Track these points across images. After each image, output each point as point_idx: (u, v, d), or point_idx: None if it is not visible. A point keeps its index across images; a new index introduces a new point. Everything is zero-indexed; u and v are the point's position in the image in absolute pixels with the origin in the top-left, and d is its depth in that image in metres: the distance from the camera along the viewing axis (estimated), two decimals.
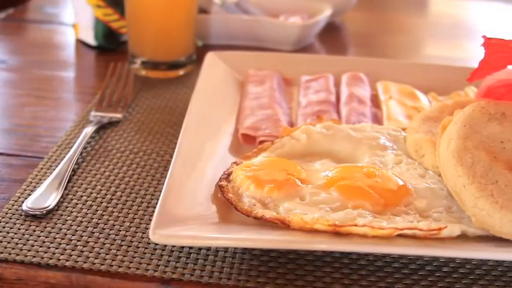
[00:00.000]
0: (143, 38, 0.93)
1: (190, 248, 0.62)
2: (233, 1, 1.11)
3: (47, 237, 0.62)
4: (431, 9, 1.77)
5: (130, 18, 0.94)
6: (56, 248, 0.61)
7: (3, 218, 0.64)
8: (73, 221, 0.65)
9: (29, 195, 0.68)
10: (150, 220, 0.62)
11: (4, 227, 0.63)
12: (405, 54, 1.28)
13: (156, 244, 0.62)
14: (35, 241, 0.61)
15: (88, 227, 0.64)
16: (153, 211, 0.61)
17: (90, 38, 1.06)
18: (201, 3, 1.11)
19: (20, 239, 0.61)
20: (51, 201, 0.66)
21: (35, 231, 0.63)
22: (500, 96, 0.82)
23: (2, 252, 0.59)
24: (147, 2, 0.91)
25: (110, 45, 1.06)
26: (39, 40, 1.21)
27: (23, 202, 0.66)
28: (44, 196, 0.67)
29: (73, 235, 0.63)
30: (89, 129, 0.79)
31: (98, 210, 0.66)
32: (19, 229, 0.63)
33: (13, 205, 0.66)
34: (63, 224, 0.64)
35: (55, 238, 0.62)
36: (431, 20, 1.61)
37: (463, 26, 1.54)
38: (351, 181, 0.64)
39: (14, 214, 0.65)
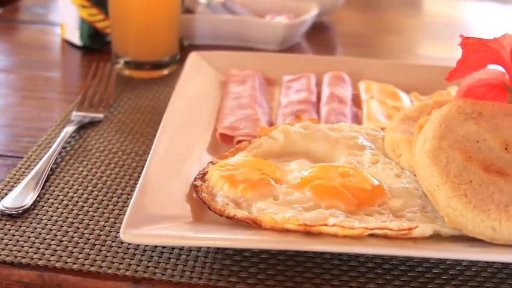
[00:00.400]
0: (126, 38, 0.94)
1: (163, 247, 0.62)
2: (219, 1, 1.11)
3: (21, 236, 0.62)
4: (425, 10, 1.77)
5: (114, 18, 0.94)
6: (30, 247, 0.61)
7: None
8: (48, 220, 0.65)
9: (6, 194, 0.68)
10: None
11: None
12: (398, 54, 1.28)
13: (129, 243, 0.62)
14: (10, 240, 0.62)
15: (63, 226, 0.64)
16: None
17: (75, 38, 1.07)
18: (187, 3, 1.11)
19: None
20: (28, 200, 0.66)
21: (10, 230, 0.63)
22: (480, 95, 0.82)
23: None
24: (130, 1, 0.91)
25: (95, 45, 1.06)
26: (27, 40, 1.22)
27: None
28: (20, 196, 0.67)
29: (47, 234, 0.63)
30: (69, 129, 0.79)
31: (73, 210, 0.67)
32: None
33: None
34: (38, 224, 0.64)
35: (29, 237, 0.62)
36: (425, 20, 1.61)
37: (457, 26, 1.53)
38: (325, 181, 0.64)
39: None
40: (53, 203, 0.67)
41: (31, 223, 0.64)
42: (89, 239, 0.62)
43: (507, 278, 0.61)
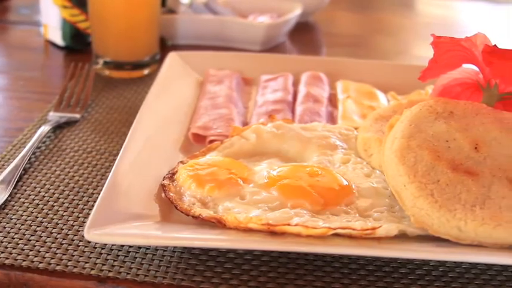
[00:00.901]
0: (106, 38, 0.94)
1: (130, 246, 0.62)
2: (202, 1, 1.11)
3: None
4: (418, 10, 1.77)
5: (93, 18, 0.95)
6: None
7: None
8: (18, 219, 0.65)
9: None
10: None
11: None
12: (390, 54, 1.28)
13: (96, 243, 0.62)
14: None
15: (32, 226, 0.64)
16: None
17: (58, 39, 1.07)
18: (169, 4, 1.11)
19: None
20: None
21: None
22: (456, 95, 0.82)
23: None
24: (109, 2, 0.91)
25: (77, 45, 1.06)
26: (12, 41, 1.23)
27: None
28: None
29: (16, 234, 0.63)
30: (45, 129, 0.80)
31: (44, 209, 0.67)
32: None
33: None
34: (7, 223, 0.64)
35: None
36: (418, 21, 1.61)
37: (450, 26, 1.53)
38: (292, 180, 0.64)
39: None
40: (23, 203, 0.68)
41: (0, 222, 0.64)
42: (57, 238, 0.62)
43: (475, 278, 0.61)
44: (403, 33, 1.46)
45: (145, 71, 0.98)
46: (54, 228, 0.64)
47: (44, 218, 0.65)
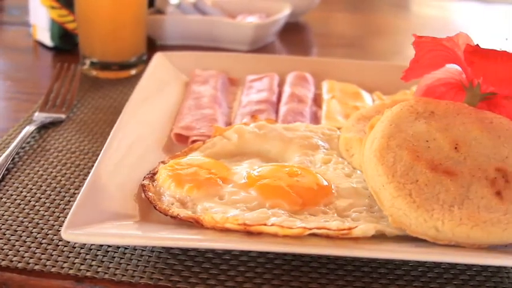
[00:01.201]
0: (92, 38, 0.94)
1: (109, 246, 0.62)
2: (190, 2, 1.11)
3: None
4: (412, 11, 1.77)
5: (80, 19, 0.95)
6: None
7: None
8: None
9: None
10: None
11: None
12: (385, 55, 1.28)
13: (75, 242, 0.62)
14: None
15: (12, 225, 0.64)
16: None
17: (47, 39, 1.08)
18: (158, 4, 1.12)
19: None
20: None
21: None
22: (441, 95, 0.82)
23: None
24: (95, 2, 0.92)
25: (65, 46, 1.06)
26: (1, 41, 1.22)
27: None
28: None
29: None
30: (29, 129, 0.80)
31: (25, 209, 0.67)
32: None
33: None
34: None
35: None
36: (413, 21, 1.61)
37: (444, 26, 1.53)
38: (271, 180, 0.64)
39: None
40: (5, 203, 0.68)
41: None
42: (37, 238, 0.63)
43: (453, 278, 0.61)
44: (397, 34, 1.46)
45: (132, 72, 0.98)
46: (34, 228, 0.64)
47: (25, 217, 0.66)
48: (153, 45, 1.07)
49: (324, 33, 1.35)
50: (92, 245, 0.62)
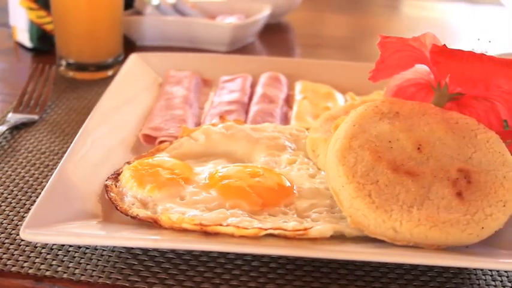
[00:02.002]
0: (68, 39, 0.95)
1: (70, 245, 0.62)
2: (170, 3, 1.12)
3: None
4: (403, 13, 1.77)
5: (56, 20, 0.95)
6: None
7: None
8: None
9: None
10: None
11: None
12: (372, 56, 1.26)
13: (37, 242, 0.62)
14: None
15: None
16: None
17: (26, 40, 1.08)
18: (137, 5, 1.12)
19: None
20: None
21: None
22: (411, 95, 0.81)
23: None
24: (70, 3, 0.92)
25: (44, 47, 1.07)
26: None
27: None
28: None
29: None
30: (1, 130, 0.80)
31: None
32: None
33: None
34: None
35: None
36: (404, 23, 1.60)
37: (435, 27, 1.53)
38: (232, 181, 0.64)
39: None
40: None
41: None
42: (0, 238, 0.63)
43: (413, 279, 0.61)
44: (386, 34, 1.46)
45: (109, 73, 0.98)
46: None
47: None
48: (132, 46, 1.08)
49: (307, 34, 1.35)
50: (53, 244, 0.62)
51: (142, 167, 0.66)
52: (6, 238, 0.63)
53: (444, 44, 0.72)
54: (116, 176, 0.67)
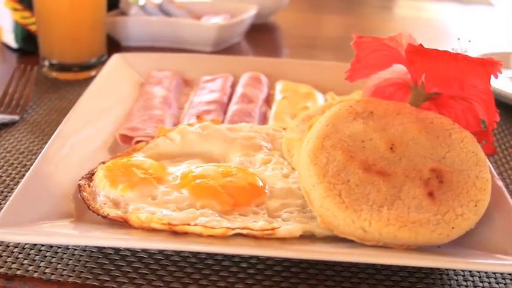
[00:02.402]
0: (51, 40, 0.95)
1: (42, 245, 0.62)
2: (156, 3, 1.12)
3: None
4: (396, 13, 1.76)
5: (39, 20, 0.96)
6: None
7: None
8: None
9: None
10: None
11: None
12: None
13: (2, 241, 0.62)
14: None
15: None
16: None
17: (11, 41, 1.09)
18: (122, 6, 1.12)
19: None
20: None
21: None
22: (390, 95, 0.81)
23: None
24: (53, 4, 0.92)
25: (29, 47, 1.07)
26: None
27: None
28: None
29: None
30: None
31: None
32: None
33: None
34: None
35: None
36: (397, 23, 1.60)
37: (429, 27, 1.53)
38: (204, 181, 0.64)
39: None
40: None
41: None
42: None
43: (384, 279, 0.61)
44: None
45: (92, 73, 0.99)
46: None
47: None
48: (117, 47, 1.08)
49: (297, 35, 1.35)
50: (25, 243, 0.62)
51: (115, 167, 0.66)
52: None
53: (420, 44, 0.72)
54: (90, 175, 0.68)
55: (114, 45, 1.10)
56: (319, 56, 1.20)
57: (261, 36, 1.27)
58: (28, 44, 1.07)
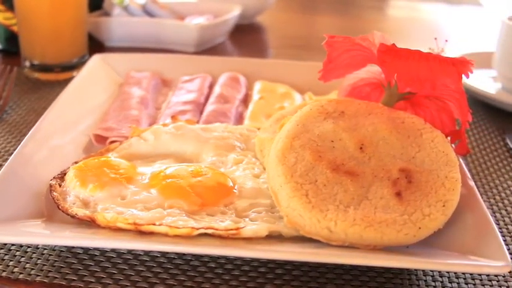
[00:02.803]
0: (32, 41, 0.95)
1: (13, 244, 0.63)
2: (139, 4, 1.12)
3: None
4: (389, 14, 1.76)
5: (20, 21, 0.96)
6: None
7: None
8: None
9: None
10: None
11: None
12: None
13: None
14: None
15: None
16: None
17: None
18: (105, 6, 1.13)
19: None
20: None
21: None
22: (366, 95, 0.81)
23: None
24: (34, 5, 0.93)
25: (12, 48, 1.07)
26: None
27: None
28: None
29: None
30: None
31: None
32: None
33: None
34: None
35: None
36: (391, 24, 1.60)
37: (422, 28, 1.52)
38: (172, 180, 0.64)
39: None
40: None
41: None
42: None
43: (352, 279, 0.61)
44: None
45: (74, 73, 0.99)
46: None
47: None
48: (101, 47, 1.08)
49: (285, 36, 1.35)
50: None
51: (87, 167, 0.67)
52: None
53: (393, 43, 0.72)
54: (62, 175, 0.68)
55: (97, 46, 1.11)
56: (306, 56, 1.20)
57: (246, 36, 1.27)
58: (12, 45, 1.07)
